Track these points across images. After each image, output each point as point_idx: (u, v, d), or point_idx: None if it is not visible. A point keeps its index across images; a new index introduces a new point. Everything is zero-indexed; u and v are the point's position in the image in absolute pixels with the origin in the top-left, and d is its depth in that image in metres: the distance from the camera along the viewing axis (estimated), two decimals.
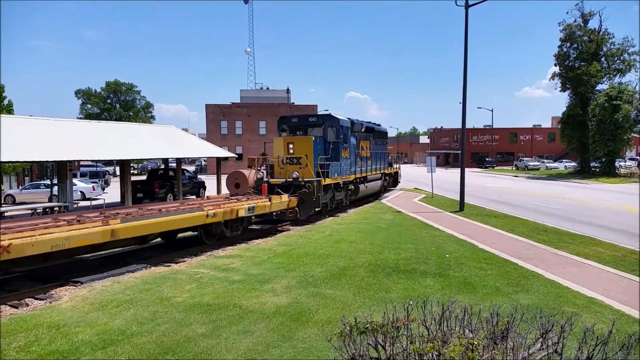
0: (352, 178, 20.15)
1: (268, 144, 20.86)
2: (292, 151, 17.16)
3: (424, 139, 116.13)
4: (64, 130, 19.15)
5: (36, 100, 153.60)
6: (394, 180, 29.97)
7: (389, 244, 12.11)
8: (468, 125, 58.50)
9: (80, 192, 26.41)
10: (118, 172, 46.16)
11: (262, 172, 17.63)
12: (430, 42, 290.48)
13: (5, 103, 30.41)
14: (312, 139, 17.31)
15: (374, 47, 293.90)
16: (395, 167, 30.48)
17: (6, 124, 16.42)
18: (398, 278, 8.83)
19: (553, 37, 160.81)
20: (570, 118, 46.18)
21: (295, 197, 15.91)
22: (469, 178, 26.41)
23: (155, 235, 11.58)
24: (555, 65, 48.43)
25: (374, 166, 24.19)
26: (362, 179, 21.74)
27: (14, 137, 15.87)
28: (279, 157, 17.34)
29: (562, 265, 9.95)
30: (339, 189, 19.07)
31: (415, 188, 31.40)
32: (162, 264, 10.54)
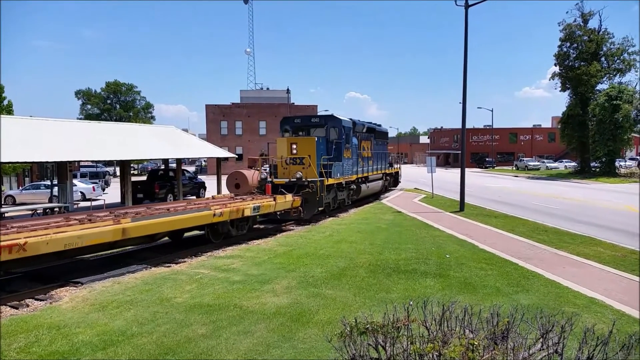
0: (354, 178, 20.21)
1: (271, 144, 20.90)
2: (295, 151, 17.22)
3: (424, 139, 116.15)
4: (64, 130, 19.17)
5: (36, 100, 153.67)
6: (394, 180, 30.04)
7: (389, 244, 12.11)
8: (468, 125, 58.68)
9: (81, 192, 26.44)
10: (118, 173, 46.21)
11: (265, 172, 17.67)
12: (430, 42, 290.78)
13: (5, 103, 30.44)
14: (315, 139, 17.38)
15: (374, 47, 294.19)
16: (396, 167, 30.55)
17: (6, 125, 16.44)
18: (398, 278, 8.83)
19: (553, 37, 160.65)
20: (570, 118, 46.17)
21: (299, 197, 16.00)
22: (469, 178, 26.41)
23: (163, 234, 11.67)
24: (555, 65, 48.52)
25: (375, 166, 24.28)
26: (363, 179, 21.80)
27: (14, 137, 15.89)
28: (283, 158, 17.39)
29: (563, 265, 9.95)
30: (341, 188, 19.12)
31: (416, 188, 31.41)
32: (163, 265, 10.54)
